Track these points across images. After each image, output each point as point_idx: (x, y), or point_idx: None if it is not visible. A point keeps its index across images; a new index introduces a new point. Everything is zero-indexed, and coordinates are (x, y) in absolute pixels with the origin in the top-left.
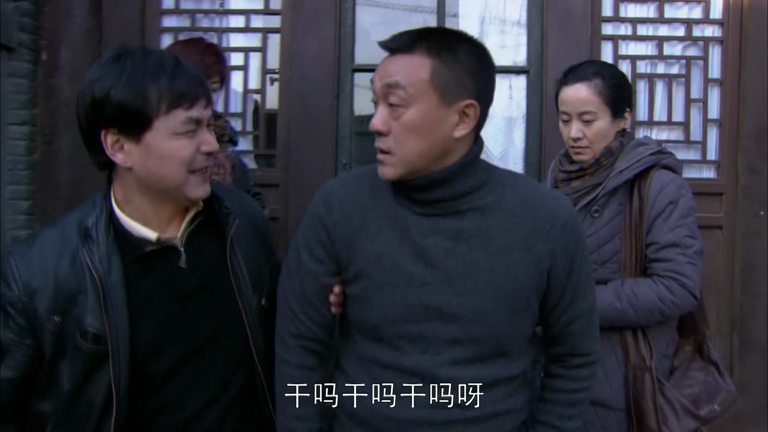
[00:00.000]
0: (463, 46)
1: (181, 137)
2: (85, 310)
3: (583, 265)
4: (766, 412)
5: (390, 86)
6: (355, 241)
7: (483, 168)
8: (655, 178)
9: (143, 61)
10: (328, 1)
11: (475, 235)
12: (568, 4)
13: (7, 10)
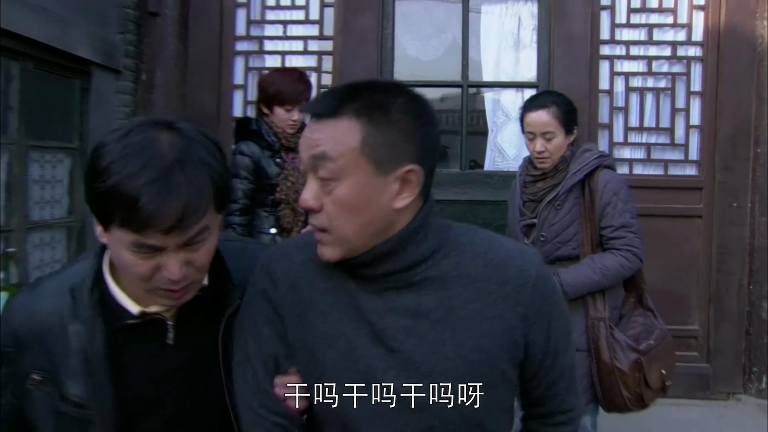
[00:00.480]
0: (396, 103)
1: (134, 254)
2: (67, 375)
3: (561, 322)
4: (740, 371)
5: (317, 158)
6: (305, 319)
7: (434, 231)
8: (601, 177)
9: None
10: (372, 27)
11: (436, 309)
12: (571, 28)
13: (116, 41)
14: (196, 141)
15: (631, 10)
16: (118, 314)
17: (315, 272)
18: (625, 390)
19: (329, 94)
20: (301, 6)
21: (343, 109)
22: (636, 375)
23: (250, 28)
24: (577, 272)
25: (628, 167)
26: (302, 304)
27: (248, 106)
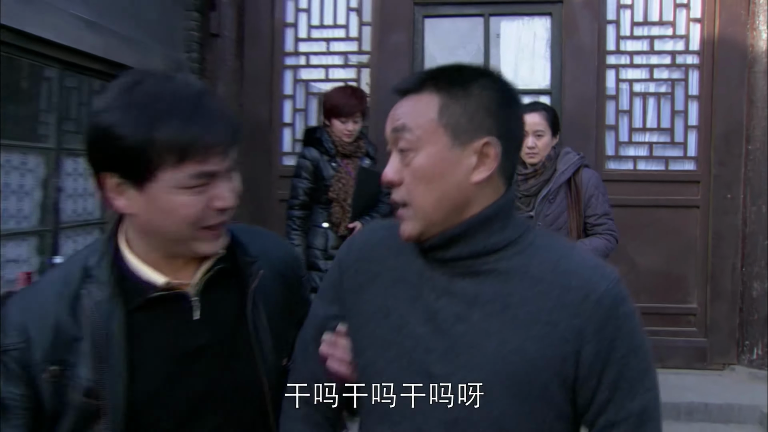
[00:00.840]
0: (478, 80)
1: (187, 192)
2: (80, 360)
3: (632, 355)
4: (734, 344)
5: (397, 130)
6: (366, 289)
7: (512, 225)
8: (584, 174)
9: (157, 96)
10: (404, 43)
11: (492, 301)
12: (580, 41)
13: (183, 59)
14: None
15: (635, 24)
16: (139, 290)
17: (388, 249)
18: None
19: (416, 74)
20: (342, 25)
21: (426, 84)
22: None
23: (298, 45)
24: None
25: (632, 164)
26: (367, 275)
27: (296, 114)
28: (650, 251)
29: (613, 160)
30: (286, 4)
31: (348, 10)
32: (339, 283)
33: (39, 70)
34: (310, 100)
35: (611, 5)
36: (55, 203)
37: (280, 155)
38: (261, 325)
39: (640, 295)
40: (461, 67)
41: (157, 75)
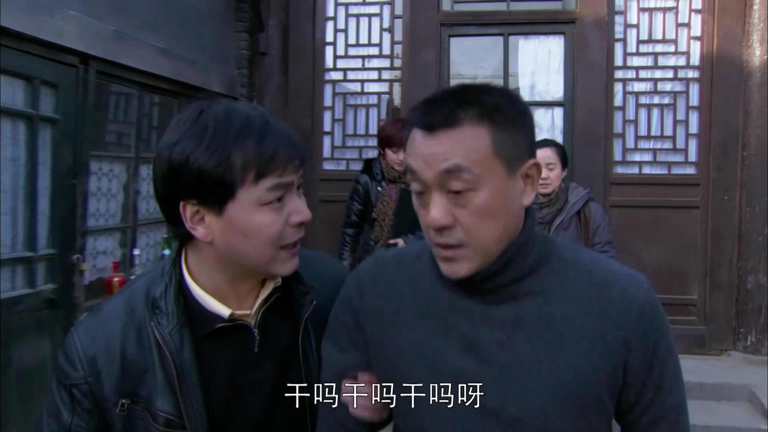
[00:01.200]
0: (508, 101)
1: (267, 209)
2: (155, 392)
3: (668, 355)
4: (730, 332)
5: (449, 171)
6: (390, 328)
7: (540, 243)
8: (592, 207)
9: (227, 120)
10: (432, 59)
11: (535, 324)
12: (591, 57)
13: (235, 76)
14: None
15: (640, 41)
16: (204, 320)
17: (407, 282)
18: None
19: (436, 105)
20: (376, 44)
21: (463, 117)
22: None
23: (337, 61)
24: None
25: (638, 168)
26: (390, 314)
27: (335, 123)
28: (654, 247)
29: (621, 165)
30: (326, 24)
31: (381, 30)
32: (356, 327)
33: (123, 91)
34: (348, 111)
35: (619, 25)
36: (134, 204)
37: (321, 160)
38: (312, 355)
39: None
40: (477, 88)
41: (220, 102)
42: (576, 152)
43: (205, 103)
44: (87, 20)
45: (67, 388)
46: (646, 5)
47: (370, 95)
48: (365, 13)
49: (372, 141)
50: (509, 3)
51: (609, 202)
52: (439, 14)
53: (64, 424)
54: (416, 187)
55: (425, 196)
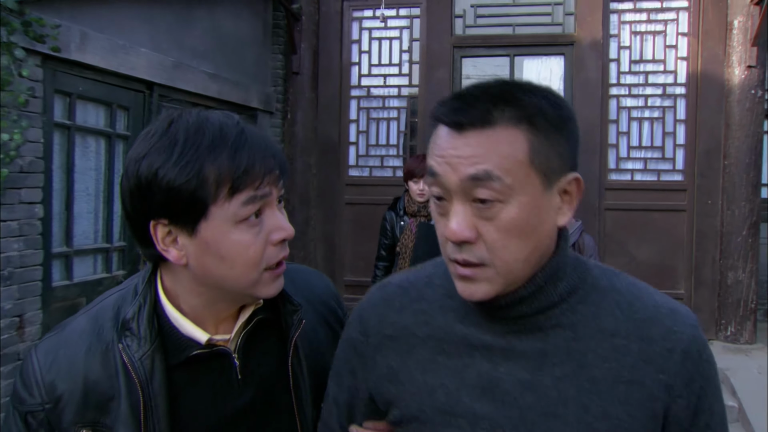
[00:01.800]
0: (552, 104)
1: (244, 227)
2: (118, 420)
3: (715, 402)
4: (713, 323)
5: (477, 178)
6: (401, 371)
7: (572, 267)
8: (585, 238)
9: (198, 131)
10: (445, 78)
11: (563, 363)
12: (587, 76)
13: (271, 92)
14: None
15: (632, 62)
16: (179, 346)
17: (416, 317)
18: None
19: (469, 101)
20: (396, 64)
21: (498, 117)
22: None
23: (361, 79)
24: None
25: (630, 175)
26: (399, 355)
27: (360, 135)
28: (645, 247)
29: (615, 172)
30: (351, 47)
31: (401, 51)
32: (363, 369)
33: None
34: (371, 124)
35: (613, 47)
36: None
37: (347, 167)
38: (302, 378)
39: None
40: (523, 87)
41: (192, 112)
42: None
43: (175, 113)
44: (153, 54)
45: (21, 414)
46: (638, 29)
47: (390, 110)
48: (387, 36)
49: (392, 150)
50: (515, 27)
51: (604, 205)
52: (452, 38)
53: None
54: (436, 192)
55: (446, 204)
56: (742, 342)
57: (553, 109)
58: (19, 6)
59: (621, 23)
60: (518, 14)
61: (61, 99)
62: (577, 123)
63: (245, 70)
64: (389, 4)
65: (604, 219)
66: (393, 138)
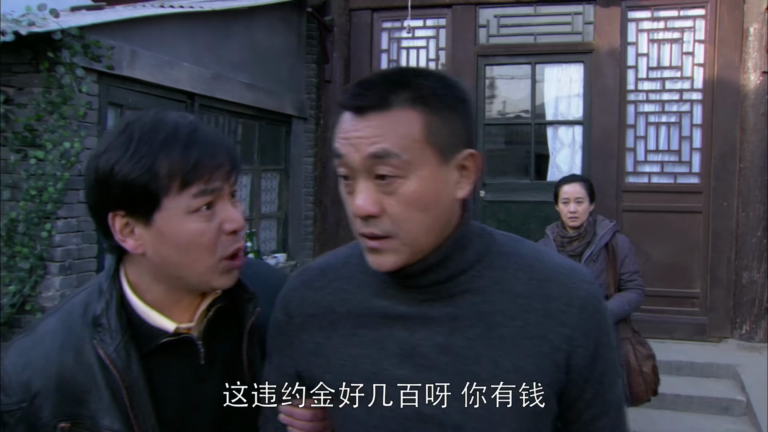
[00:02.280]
0: (445, 86)
1: (196, 217)
2: (100, 411)
3: (609, 351)
4: (728, 322)
5: (377, 156)
6: (326, 345)
7: (478, 235)
8: (619, 239)
9: (153, 130)
10: (471, 85)
11: (474, 325)
12: (606, 83)
13: (304, 100)
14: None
15: (650, 68)
16: (149, 335)
17: (333, 296)
18: (647, 386)
19: (368, 86)
20: None
21: (394, 99)
22: (653, 376)
23: None
24: (616, 305)
25: (647, 178)
26: (322, 331)
27: None
28: (662, 247)
29: (632, 175)
30: (381, 56)
31: (427, 60)
32: (290, 348)
33: (217, 118)
34: None
35: (631, 54)
36: None
37: None
38: (258, 362)
39: (654, 281)
40: (418, 72)
41: (150, 113)
42: (593, 164)
43: (135, 115)
44: (194, 68)
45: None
46: (655, 37)
47: None
48: (414, 46)
49: None
50: (536, 36)
51: (621, 207)
52: (476, 47)
53: None
54: (342, 171)
55: (352, 182)
56: (757, 340)
57: (446, 91)
58: (80, 31)
59: (639, 31)
60: (539, 24)
61: (113, 110)
62: (472, 104)
63: (280, 79)
64: (417, 16)
65: (621, 220)
66: None
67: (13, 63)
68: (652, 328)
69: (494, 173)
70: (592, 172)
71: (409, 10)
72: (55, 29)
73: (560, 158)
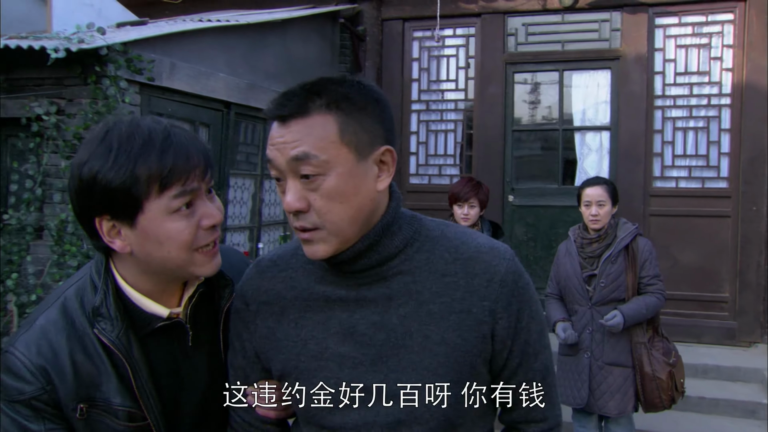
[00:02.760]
0: (357, 91)
1: (177, 216)
2: (111, 392)
3: (532, 321)
4: (758, 326)
5: (298, 158)
6: (277, 329)
7: (407, 222)
8: (640, 242)
9: (130, 138)
10: (499, 93)
11: (405, 303)
12: (633, 89)
13: None
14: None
15: (677, 74)
16: (145, 321)
17: (284, 284)
18: (663, 393)
19: (289, 97)
20: (453, 80)
21: (312, 106)
22: (669, 382)
23: (421, 94)
24: (633, 308)
25: (675, 183)
26: (274, 316)
27: (420, 146)
28: (690, 252)
29: (660, 180)
30: (412, 65)
31: (457, 68)
32: (247, 332)
33: (254, 125)
34: (430, 136)
35: (658, 60)
36: (259, 209)
37: (408, 176)
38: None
39: (682, 285)
40: (333, 80)
41: (125, 120)
42: (620, 169)
43: (111, 122)
44: (230, 78)
45: (24, 403)
46: (683, 42)
47: (448, 122)
48: (444, 54)
49: (449, 160)
50: (564, 44)
51: (649, 211)
52: (504, 55)
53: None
54: (274, 174)
55: (283, 182)
56: None
57: (359, 94)
58: (123, 46)
59: (666, 37)
60: (567, 31)
61: None
62: (387, 104)
63: None
64: (447, 25)
65: (648, 224)
66: (450, 148)
67: (65, 77)
68: (681, 331)
69: (523, 178)
70: (619, 176)
71: (438, 20)
72: (102, 45)
73: (588, 163)
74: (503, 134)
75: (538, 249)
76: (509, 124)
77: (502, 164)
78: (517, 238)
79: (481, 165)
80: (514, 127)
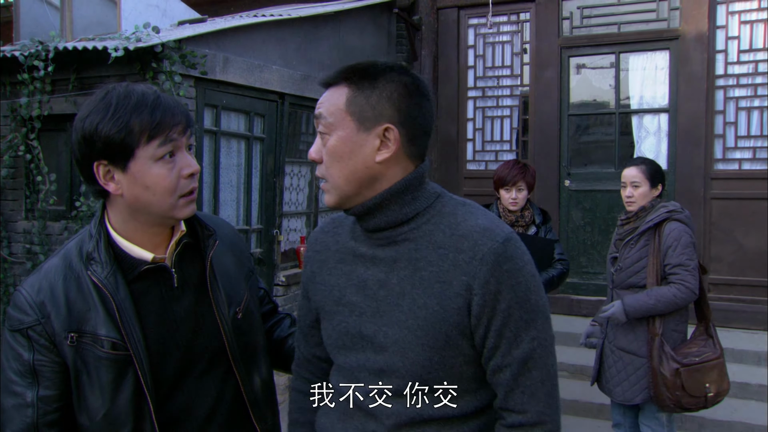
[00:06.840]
0: (386, 75)
1: (161, 164)
2: (98, 324)
3: (514, 307)
4: None
5: (317, 117)
6: (319, 275)
7: (423, 197)
8: (667, 226)
9: (126, 97)
10: (554, 77)
11: (405, 267)
12: (693, 69)
13: None
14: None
15: (741, 51)
16: (132, 265)
17: (333, 239)
18: (666, 391)
19: (335, 71)
20: (508, 66)
21: (339, 78)
22: (675, 381)
23: (477, 81)
24: (636, 297)
25: (738, 165)
26: (320, 262)
27: (476, 132)
28: (755, 235)
29: (722, 162)
30: (468, 52)
31: (512, 54)
32: (304, 275)
33: (308, 115)
34: (486, 122)
35: (720, 38)
36: (315, 195)
37: (466, 162)
38: (218, 286)
39: (746, 270)
40: (372, 63)
41: (122, 84)
42: (679, 152)
43: (111, 86)
44: (284, 70)
45: (22, 332)
46: (747, 18)
47: (503, 108)
48: (499, 41)
49: (506, 146)
50: (620, 26)
51: (710, 195)
52: (560, 39)
53: (26, 362)
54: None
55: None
56: None
57: (374, 72)
58: (177, 43)
59: (729, 14)
60: (623, 12)
61: (209, 110)
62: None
63: None
64: (502, 12)
65: (710, 208)
66: (506, 134)
67: (127, 74)
68: (746, 318)
69: (579, 163)
70: (678, 160)
71: (490, 7)
72: (156, 43)
73: (645, 147)
74: (559, 119)
75: (596, 234)
76: (565, 109)
77: (558, 149)
78: (573, 223)
79: (537, 150)
80: (570, 111)
